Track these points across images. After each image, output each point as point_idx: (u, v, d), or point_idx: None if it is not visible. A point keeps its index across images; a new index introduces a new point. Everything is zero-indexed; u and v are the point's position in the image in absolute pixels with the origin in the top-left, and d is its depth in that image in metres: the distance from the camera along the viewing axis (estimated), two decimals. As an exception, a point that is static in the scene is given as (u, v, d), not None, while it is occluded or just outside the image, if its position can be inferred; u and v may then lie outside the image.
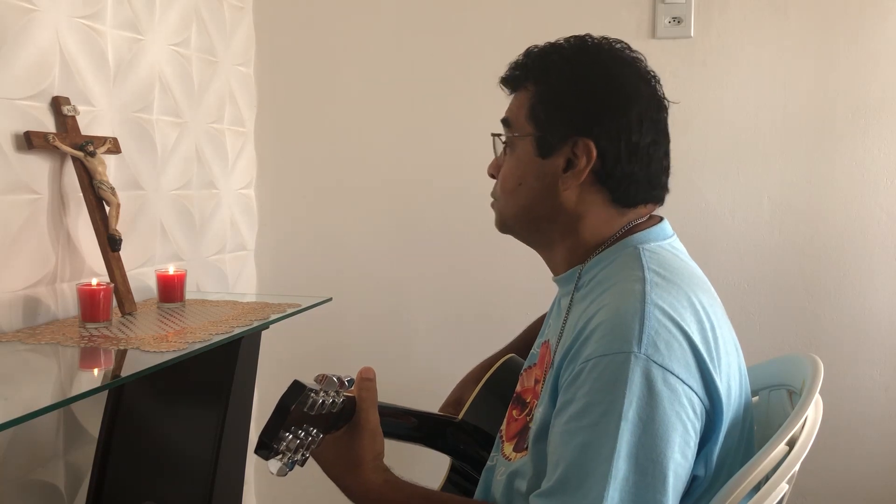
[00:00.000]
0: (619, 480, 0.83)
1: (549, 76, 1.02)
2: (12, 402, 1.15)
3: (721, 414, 0.90)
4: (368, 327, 2.38)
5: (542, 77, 1.03)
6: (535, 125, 1.03)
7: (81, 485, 1.69)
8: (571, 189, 1.01)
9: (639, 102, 1.00)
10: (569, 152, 1.00)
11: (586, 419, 0.86)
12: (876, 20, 2.03)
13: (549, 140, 1.01)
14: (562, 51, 1.04)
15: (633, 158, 1.00)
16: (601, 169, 1.00)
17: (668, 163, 1.05)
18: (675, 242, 1.05)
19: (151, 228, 1.90)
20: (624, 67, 1.02)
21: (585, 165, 0.99)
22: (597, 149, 0.99)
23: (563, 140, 1.00)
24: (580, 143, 0.99)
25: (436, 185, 2.31)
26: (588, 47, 1.04)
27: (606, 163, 0.99)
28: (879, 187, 2.06)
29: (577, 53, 1.03)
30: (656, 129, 1.02)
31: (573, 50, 1.03)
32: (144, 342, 1.38)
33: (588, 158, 0.99)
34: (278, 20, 2.37)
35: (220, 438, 1.61)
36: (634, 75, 1.02)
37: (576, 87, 1.01)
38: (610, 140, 0.99)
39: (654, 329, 0.87)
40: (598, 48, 1.04)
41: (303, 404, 0.90)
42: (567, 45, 1.04)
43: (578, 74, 1.01)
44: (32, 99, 1.53)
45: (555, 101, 1.01)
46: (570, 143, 1.00)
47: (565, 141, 1.00)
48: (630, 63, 1.03)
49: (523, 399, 1.11)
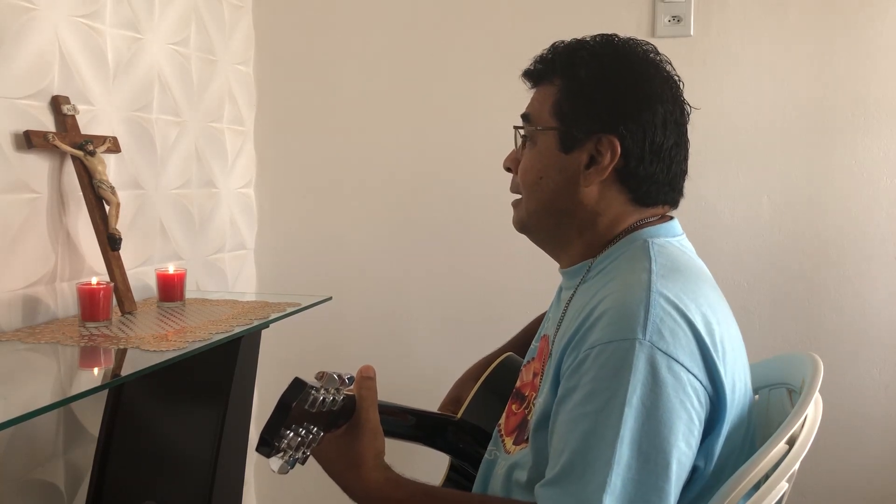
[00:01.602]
0: (622, 467, 0.83)
1: (576, 71, 1.02)
2: (12, 402, 1.15)
3: (725, 406, 0.90)
4: (368, 326, 2.38)
5: (569, 72, 1.02)
6: (559, 119, 1.02)
7: (81, 484, 1.69)
8: (593, 185, 1.01)
9: (664, 104, 1.00)
10: (592, 149, 1.00)
11: (590, 406, 0.86)
12: (875, 19, 2.03)
13: (574, 135, 1.01)
14: (590, 47, 1.03)
15: (656, 159, 1.00)
16: (624, 167, 1.00)
17: (686, 167, 1.06)
18: (684, 241, 1.05)
19: (151, 227, 1.90)
20: (651, 68, 1.03)
21: (609, 163, 0.99)
22: (621, 147, 0.99)
23: (588, 136, 1.00)
24: (605, 139, 0.99)
25: (436, 184, 2.31)
26: (616, 46, 1.04)
27: (630, 162, 0.99)
28: (879, 186, 2.06)
29: (605, 51, 1.03)
30: (679, 132, 1.02)
31: (601, 47, 1.03)
32: (144, 341, 1.38)
33: (612, 156, 0.99)
34: (278, 19, 2.37)
35: (220, 438, 1.61)
36: (661, 77, 1.02)
37: (604, 83, 1.01)
38: (634, 139, 0.99)
39: (658, 317, 0.87)
40: (626, 47, 1.04)
41: (304, 402, 0.90)
42: (595, 42, 1.04)
43: (607, 71, 1.01)
44: (32, 98, 1.53)
45: (582, 97, 1.01)
46: (595, 139, 1.00)
47: (589, 137, 1.00)
48: (657, 65, 1.03)
49: (522, 393, 1.11)
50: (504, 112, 1.29)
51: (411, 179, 2.33)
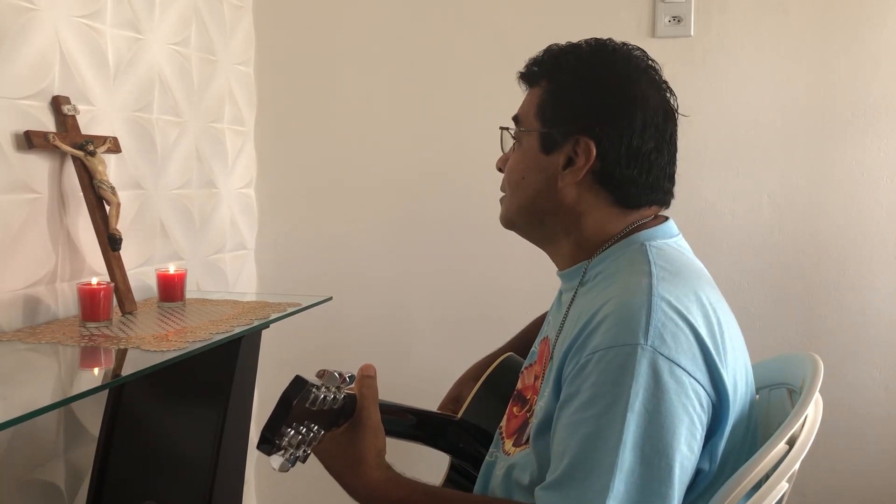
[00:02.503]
0: (625, 472, 0.83)
1: (560, 74, 1.03)
2: (12, 402, 1.15)
3: (727, 408, 0.90)
4: (369, 326, 2.38)
5: (554, 74, 1.04)
6: (541, 121, 1.04)
7: (82, 484, 1.69)
8: (569, 186, 1.02)
9: (645, 108, 1.01)
10: (570, 150, 1.01)
11: (592, 410, 0.86)
12: (876, 19, 2.03)
13: (554, 137, 1.02)
14: (578, 51, 1.05)
15: (633, 163, 1.00)
16: (600, 170, 1.01)
17: (672, 170, 1.06)
18: (681, 241, 1.05)
19: (151, 228, 1.90)
20: (636, 73, 1.03)
21: (584, 165, 1.00)
22: (597, 149, 1.00)
23: (566, 138, 1.01)
24: (581, 142, 1.00)
25: (436, 183, 2.31)
26: (605, 50, 1.05)
27: (606, 164, 1.00)
28: (879, 186, 2.06)
29: (591, 55, 1.04)
30: (660, 137, 1.02)
31: (589, 51, 1.04)
32: (145, 341, 1.38)
33: (587, 158, 1.00)
34: (278, 19, 2.37)
35: (220, 438, 1.61)
36: (646, 81, 1.03)
37: (584, 86, 1.02)
38: (611, 142, 0.99)
39: (660, 321, 0.87)
40: (614, 52, 1.04)
41: (304, 399, 0.90)
42: (585, 45, 1.05)
43: (588, 75, 1.02)
44: (32, 98, 1.53)
45: (562, 99, 1.03)
46: (572, 141, 1.01)
47: (568, 139, 1.01)
48: (643, 70, 1.04)
49: (524, 396, 1.11)
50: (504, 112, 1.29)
51: (411, 179, 2.33)
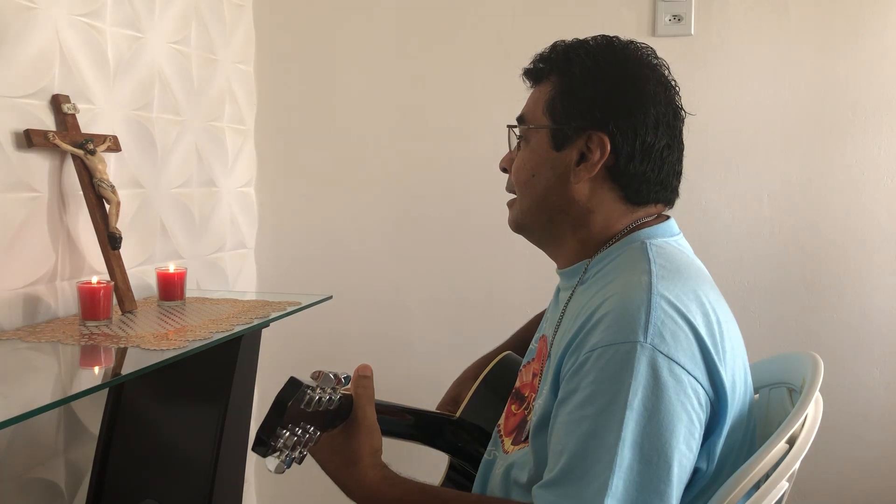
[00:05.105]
0: (624, 469, 0.83)
1: (571, 69, 1.03)
2: (12, 401, 1.15)
3: (726, 407, 0.90)
4: (369, 325, 2.38)
5: (564, 70, 1.04)
6: (551, 117, 1.03)
7: (82, 483, 1.69)
8: (583, 182, 1.02)
9: (657, 105, 1.01)
10: (583, 145, 1.01)
11: (591, 408, 0.86)
12: (876, 18, 2.03)
13: (565, 132, 1.02)
14: (587, 47, 1.05)
15: (646, 159, 1.01)
16: (614, 165, 1.01)
17: (680, 168, 1.06)
18: (681, 240, 1.05)
19: (151, 226, 1.90)
20: (646, 70, 1.03)
21: (598, 160, 1.00)
22: (611, 144, 0.99)
23: (579, 133, 1.01)
24: (595, 137, 1.00)
25: (436, 183, 2.31)
26: (614, 46, 1.05)
27: (620, 160, 1.00)
28: (880, 185, 2.06)
29: (602, 51, 1.04)
30: (671, 135, 1.03)
31: (599, 47, 1.04)
32: (145, 340, 1.38)
33: (602, 153, 1.00)
34: (278, 18, 2.37)
35: (220, 437, 1.61)
36: (656, 79, 1.03)
37: (597, 81, 1.02)
38: (625, 137, 0.99)
39: (660, 319, 0.87)
40: (623, 48, 1.05)
41: (299, 401, 0.90)
42: (594, 42, 1.05)
43: (601, 70, 1.02)
44: (32, 97, 1.53)
45: (574, 94, 1.02)
46: (585, 136, 1.01)
47: (580, 134, 1.01)
48: (653, 67, 1.04)
49: (522, 394, 1.11)
50: (504, 112, 1.29)
51: (412, 179, 2.33)
